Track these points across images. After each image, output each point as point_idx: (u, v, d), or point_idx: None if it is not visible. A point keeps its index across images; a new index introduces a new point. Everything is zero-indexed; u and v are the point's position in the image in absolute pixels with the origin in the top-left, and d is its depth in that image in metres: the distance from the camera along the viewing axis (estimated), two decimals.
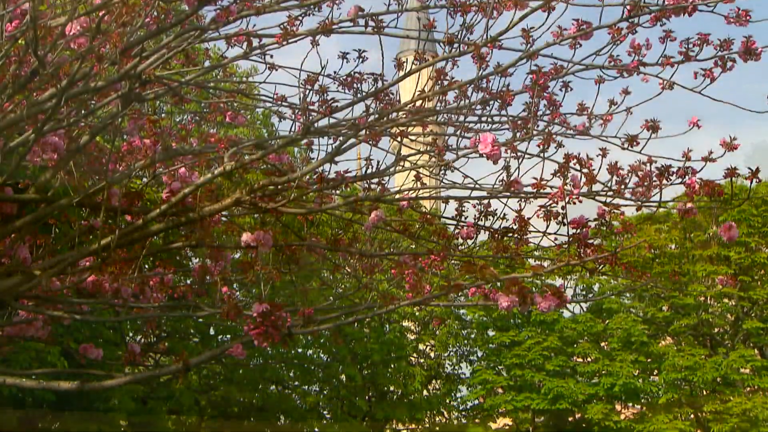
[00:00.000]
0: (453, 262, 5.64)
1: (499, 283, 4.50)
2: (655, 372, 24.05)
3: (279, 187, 4.73)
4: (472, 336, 26.56)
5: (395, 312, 23.70)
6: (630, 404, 24.48)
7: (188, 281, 4.89)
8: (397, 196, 5.14)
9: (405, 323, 25.63)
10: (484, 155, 4.22)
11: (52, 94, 4.01)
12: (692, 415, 24.31)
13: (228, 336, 17.13)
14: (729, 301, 24.59)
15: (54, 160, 4.21)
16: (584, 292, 25.16)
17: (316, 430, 19.68)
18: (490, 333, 25.83)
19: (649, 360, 23.67)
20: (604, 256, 4.53)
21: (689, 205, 4.29)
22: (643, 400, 23.95)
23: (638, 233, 20.83)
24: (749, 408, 21.66)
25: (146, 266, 8.28)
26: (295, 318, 4.62)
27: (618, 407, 24.32)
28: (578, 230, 4.60)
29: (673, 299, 23.92)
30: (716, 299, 24.60)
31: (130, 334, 13.36)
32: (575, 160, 4.50)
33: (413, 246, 5.46)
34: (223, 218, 5.15)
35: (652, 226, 23.98)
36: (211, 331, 16.74)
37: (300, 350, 20.69)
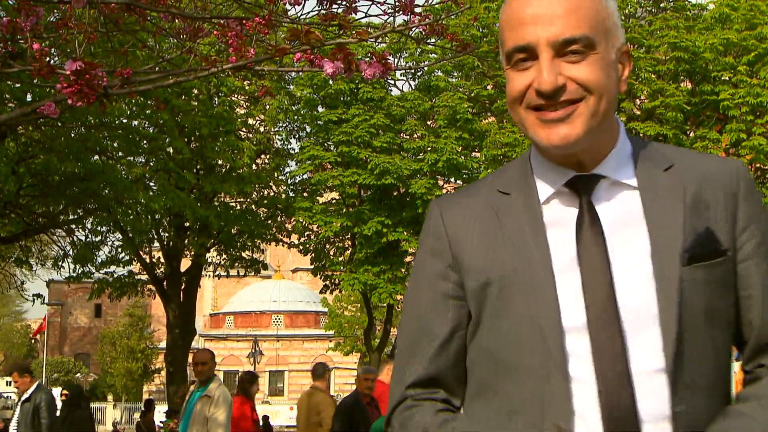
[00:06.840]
0: (280, 34, 5.54)
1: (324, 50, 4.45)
2: (477, 149, 24.85)
3: None
4: (302, 112, 26.57)
5: (224, 85, 23.25)
6: (452, 179, 25.37)
7: None
8: None
9: (234, 98, 25.26)
10: None
11: None
12: None
13: None
14: None
15: None
16: (412, 69, 25.40)
17: (142, 201, 19.47)
18: (320, 109, 25.94)
19: (472, 137, 24.34)
20: (429, 22, 4.52)
21: None
22: (464, 176, 24.82)
23: (467, 11, 20.85)
24: None
25: None
26: (112, 79, 4.46)
27: (441, 182, 25.19)
28: None
29: (498, 78, 24.45)
30: None
31: None
32: None
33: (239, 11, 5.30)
34: None
35: (482, 4, 24.06)
36: (29, 98, 15.99)
37: (124, 120, 20.10)
